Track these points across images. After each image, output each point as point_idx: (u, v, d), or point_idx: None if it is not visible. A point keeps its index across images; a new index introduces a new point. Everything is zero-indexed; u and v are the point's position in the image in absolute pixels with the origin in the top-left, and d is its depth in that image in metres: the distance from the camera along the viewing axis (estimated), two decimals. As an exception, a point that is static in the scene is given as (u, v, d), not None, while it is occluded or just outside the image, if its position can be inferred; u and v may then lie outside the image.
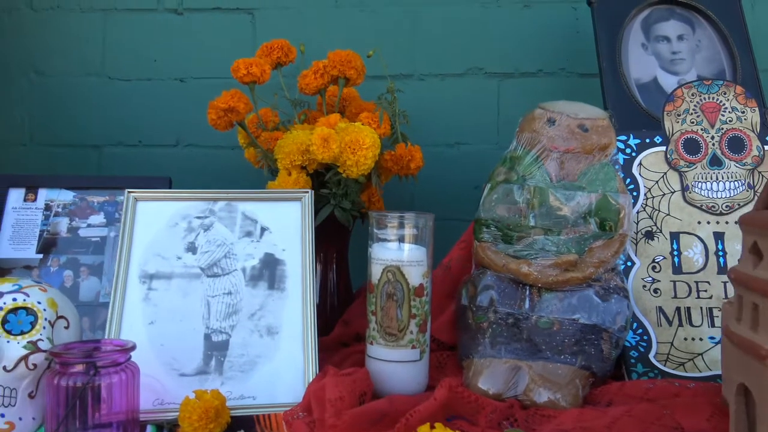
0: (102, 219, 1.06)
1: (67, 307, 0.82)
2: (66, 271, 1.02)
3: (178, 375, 0.83)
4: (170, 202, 0.93)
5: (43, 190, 1.07)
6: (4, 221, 1.04)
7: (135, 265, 0.89)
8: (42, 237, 1.04)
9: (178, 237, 0.91)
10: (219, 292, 0.88)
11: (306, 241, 0.93)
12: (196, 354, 0.84)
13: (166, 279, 0.88)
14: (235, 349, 0.85)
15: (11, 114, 1.47)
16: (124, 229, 0.90)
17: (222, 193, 0.95)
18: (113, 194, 1.08)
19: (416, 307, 0.87)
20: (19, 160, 1.47)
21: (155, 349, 0.84)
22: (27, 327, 0.77)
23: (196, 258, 0.90)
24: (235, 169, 1.42)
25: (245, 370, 0.84)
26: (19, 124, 1.48)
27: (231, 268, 0.90)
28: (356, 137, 1.07)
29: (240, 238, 0.92)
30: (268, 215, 0.94)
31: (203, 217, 0.93)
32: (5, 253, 1.02)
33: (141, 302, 0.86)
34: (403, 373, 0.87)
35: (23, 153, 1.48)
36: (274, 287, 0.90)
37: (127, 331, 0.84)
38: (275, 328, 0.87)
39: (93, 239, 1.05)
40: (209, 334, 0.86)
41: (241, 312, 0.87)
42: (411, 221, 0.89)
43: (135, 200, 0.93)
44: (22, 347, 0.75)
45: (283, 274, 0.91)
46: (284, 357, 0.85)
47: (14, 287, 0.79)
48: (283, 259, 0.92)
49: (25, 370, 0.75)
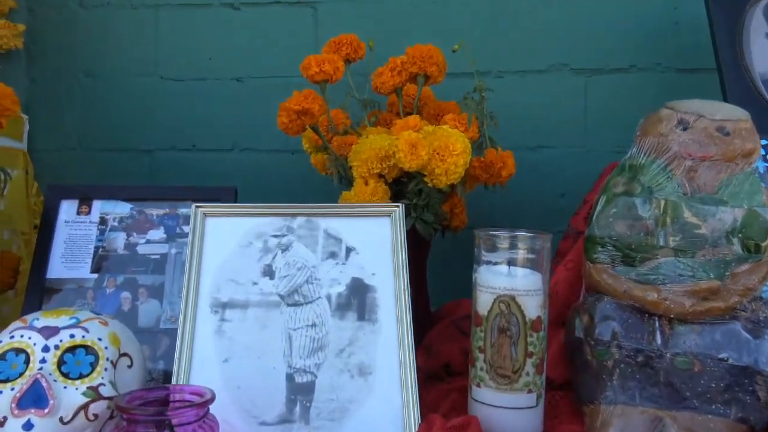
0: (162, 234, 0.94)
1: (130, 342, 0.70)
2: (123, 293, 0.90)
3: (258, 424, 0.69)
4: (243, 218, 0.80)
5: (98, 202, 0.95)
6: (56, 236, 0.92)
7: (205, 291, 0.75)
8: (97, 254, 0.92)
9: (253, 259, 0.78)
10: (302, 324, 0.75)
11: (399, 263, 0.78)
12: (278, 398, 0.71)
13: (242, 308, 0.75)
14: (323, 392, 0.71)
15: (59, 117, 1.37)
16: (192, 250, 0.77)
17: (301, 208, 0.81)
18: (174, 206, 0.95)
19: (533, 344, 0.73)
20: (67, 165, 1.36)
21: (231, 392, 0.70)
22: (87, 369, 0.64)
23: (274, 283, 0.77)
24: (297, 176, 1.29)
25: (335, 418, 0.70)
26: (67, 128, 1.38)
27: (314, 296, 0.76)
28: (446, 142, 0.93)
29: (323, 260, 0.79)
30: (355, 233, 0.80)
31: (280, 235, 0.80)
32: (57, 271, 0.90)
33: (213, 335, 0.73)
34: (517, 422, 0.73)
35: (72, 158, 1.37)
36: (364, 318, 0.76)
37: (199, 371, 0.71)
38: (368, 368, 0.73)
39: (152, 257, 0.92)
40: (292, 374, 0.72)
41: (327, 348, 0.74)
42: (526, 242, 0.74)
43: (204, 216, 0.79)
44: (81, 394, 0.62)
45: (374, 302, 0.77)
46: (379, 402, 0.71)
47: (72, 321, 0.66)
48: (373, 284, 0.78)
49: (84, 422, 0.62)
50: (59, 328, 0.65)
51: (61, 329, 0.65)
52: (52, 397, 0.61)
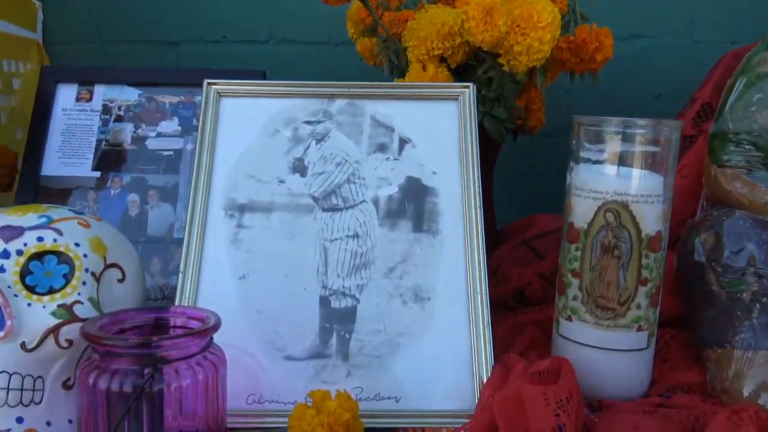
0: (176, 126, 0.76)
1: (121, 250, 0.53)
2: (130, 195, 0.74)
3: (283, 358, 0.53)
4: (268, 100, 0.61)
5: (101, 87, 0.78)
6: (52, 127, 0.76)
7: (219, 190, 0.58)
8: (99, 148, 0.76)
9: (279, 151, 0.60)
10: (340, 234, 0.57)
11: (468, 159, 0.59)
12: (309, 327, 0.54)
13: (264, 212, 0.58)
14: (367, 321, 0.54)
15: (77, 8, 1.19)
16: (203, 138, 0.59)
17: (342, 88, 0.62)
18: (190, 93, 0.78)
19: (649, 268, 0.53)
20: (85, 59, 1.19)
21: (249, 318, 0.54)
22: (59, 282, 0.48)
23: (305, 182, 0.59)
24: (341, 69, 1.09)
25: (382, 354, 0.53)
26: (85, 20, 1.20)
27: (357, 199, 0.58)
28: (529, 11, 0.71)
29: (369, 154, 0.60)
30: (411, 121, 0.61)
31: (315, 121, 0.61)
32: (53, 168, 0.75)
33: (228, 246, 0.57)
34: (621, 367, 0.55)
35: (90, 52, 1.20)
36: (421, 229, 0.57)
37: (209, 290, 0.55)
38: (425, 291, 0.55)
39: (165, 153, 0.75)
40: (327, 297, 0.55)
41: (373, 265, 0.56)
42: (646, 131, 0.53)
43: (218, 96, 0.61)
44: (50, 314, 0.47)
45: (434, 209, 0.58)
46: (440, 336, 0.54)
47: (41, 220, 0.50)
48: (433, 186, 0.59)
49: (55, 349, 0.47)
50: (24, 228, 0.49)
51: (26, 230, 0.49)
52: (10, 316, 0.45)
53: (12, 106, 1.09)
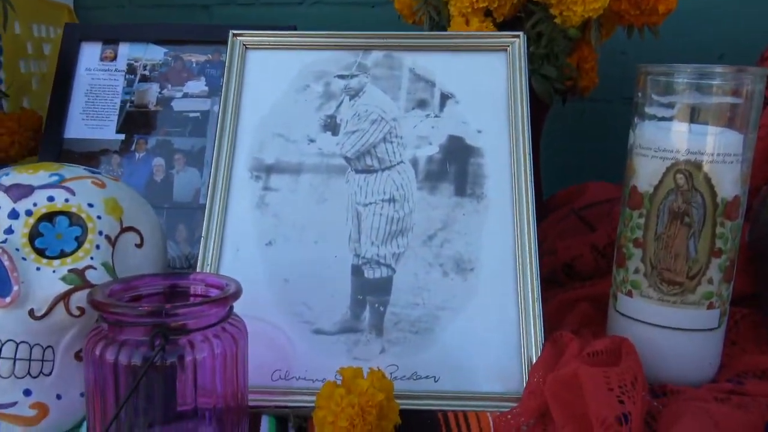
0: (203, 86, 0.72)
1: (141, 213, 0.49)
2: (155, 159, 0.70)
3: (312, 332, 0.48)
4: (298, 52, 0.56)
5: (125, 45, 0.74)
6: (75, 87, 0.72)
7: (244, 150, 0.53)
8: (124, 110, 0.72)
9: (309, 107, 0.55)
10: (375, 198, 0.52)
11: (518, 117, 0.53)
12: (340, 298, 0.49)
13: (292, 174, 0.53)
14: (404, 293, 0.49)
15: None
16: (228, 94, 0.54)
17: (378, 38, 0.56)
18: (218, 51, 0.73)
19: (723, 238, 0.47)
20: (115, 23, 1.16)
21: (275, 288, 0.49)
22: (70, 245, 0.44)
23: (338, 141, 0.54)
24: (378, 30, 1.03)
25: (420, 330, 0.48)
26: (116, -19, 1.16)
27: (394, 160, 0.53)
28: (585, -45, 0.64)
29: (408, 111, 0.54)
30: (453, 74, 0.55)
31: (349, 75, 0.55)
32: (76, 131, 0.71)
33: (253, 210, 0.52)
34: (689, 348, 0.48)
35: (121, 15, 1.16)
36: (465, 193, 0.52)
37: (232, 258, 0.50)
38: (469, 262, 0.50)
39: (191, 115, 0.71)
40: (360, 266, 0.50)
41: (411, 232, 0.51)
42: (726, 83, 0.46)
43: (244, 48, 0.56)
44: (60, 279, 0.43)
45: (479, 171, 0.52)
46: (484, 310, 0.48)
47: (53, 178, 0.46)
48: (478, 146, 0.53)
49: (65, 317, 0.43)
50: (34, 187, 0.45)
51: (36, 189, 0.45)
52: (17, 281, 0.42)
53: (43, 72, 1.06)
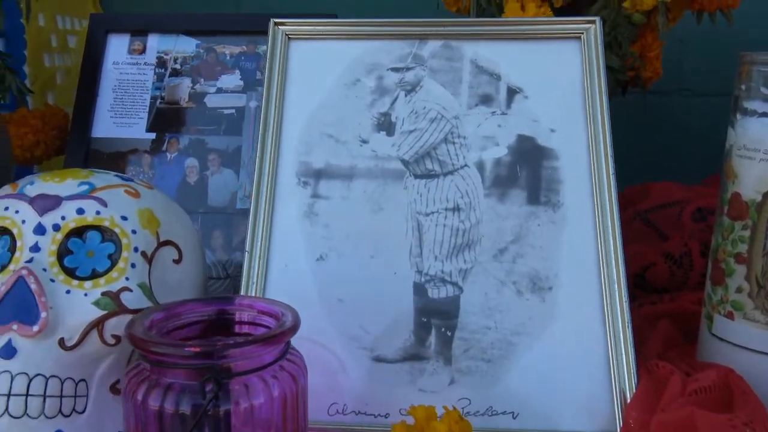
0: (238, 80, 0.66)
1: (178, 224, 0.44)
2: (188, 160, 0.64)
3: (372, 359, 0.43)
4: (347, 42, 0.50)
5: (154, 37, 0.68)
6: (102, 83, 0.67)
7: (289, 153, 0.48)
8: (154, 107, 0.66)
9: (361, 104, 0.49)
10: (438, 207, 0.46)
11: (596, 113, 0.47)
12: (402, 321, 0.44)
13: (344, 179, 0.47)
14: (473, 316, 0.43)
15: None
16: (270, 90, 0.49)
17: (435, 26, 0.50)
18: (254, 42, 0.67)
19: None
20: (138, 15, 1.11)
21: (329, 308, 0.44)
22: (103, 264, 0.39)
23: (393, 142, 0.48)
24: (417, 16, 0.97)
25: (493, 358, 0.42)
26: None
27: (458, 163, 0.47)
28: (661, -69, 0.57)
29: (471, 108, 0.48)
30: (521, 66, 0.49)
31: (404, 68, 0.49)
32: (104, 129, 0.66)
33: (302, 219, 0.46)
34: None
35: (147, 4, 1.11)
36: (539, 201, 0.46)
37: (279, 274, 0.45)
38: (546, 279, 0.44)
39: (226, 112, 0.65)
40: (423, 284, 0.44)
41: (479, 245, 0.45)
42: None
43: (287, 38, 0.50)
44: (92, 303, 0.38)
45: (554, 176, 0.46)
46: (568, 336, 0.43)
47: (82, 187, 0.41)
48: (552, 148, 0.47)
49: (100, 347, 0.38)
50: (61, 198, 0.40)
51: (64, 200, 0.40)
52: (46, 306, 0.37)
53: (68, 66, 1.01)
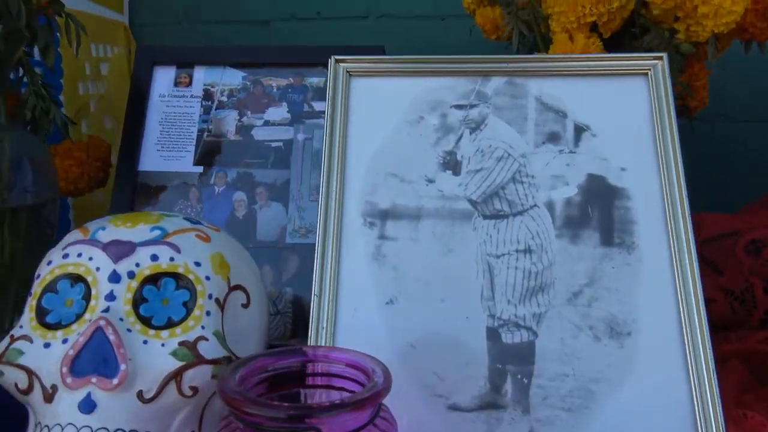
0: (285, 113, 0.66)
1: (245, 267, 0.43)
2: (236, 194, 0.64)
3: (447, 408, 0.42)
4: (409, 79, 0.50)
5: (201, 69, 0.68)
6: (149, 115, 0.67)
7: (355, 193, 0.47)
8: (201, 140, 0.66)
9: (425, 142, 0.48)
10: (509, 249, 0.45)
11: (669, 151, 0.46)
12: (477, 368, 0.42)
13: (411, 220, 0.46)
14: (550, 362, 0.42)
15: (162, -13, 1.11)
16: (333, 128, 0.48)
17: (498, 63, 0.50)
18: (300, 74, 0.67)
19: None
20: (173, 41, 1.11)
21: (402, 354, 0.43)
22: (179, 312, 0.38)
23: (460, 182, 0.47)
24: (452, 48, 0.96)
25: (573, 407, 0.41)
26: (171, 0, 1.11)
27: (527, 203, 0.46)
28: (717, -35, 0.57)
29: (538, 146, 0.47)
30: (586, 103, 0.48)
31: (468, 105, 0.49)
32: (151, 162, 0.65)
33: (369, 263, 0.45)
34: None
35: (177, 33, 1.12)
36: (612, 242, 0.45)
37: (349, 319, 0.44)
38: (624, 324, 0.43)
39: (273, 144, 0.65)
40: (496, 328, 0.43)
41: (552, 288, 0.44)
42: None
43: (348, 75, 0.50)
44: (170, 354, 0.37)
45: (627, 216, 0.45)
46: (650, 383, 0.41)
47: (155, 233, 0.40)
48: (624, 187, 0.46)
49: (177, 399, 0.37)
50: (135, 244, 0.39)
51: (138, 246, 0.39)
52: (125, 358, 0.36)
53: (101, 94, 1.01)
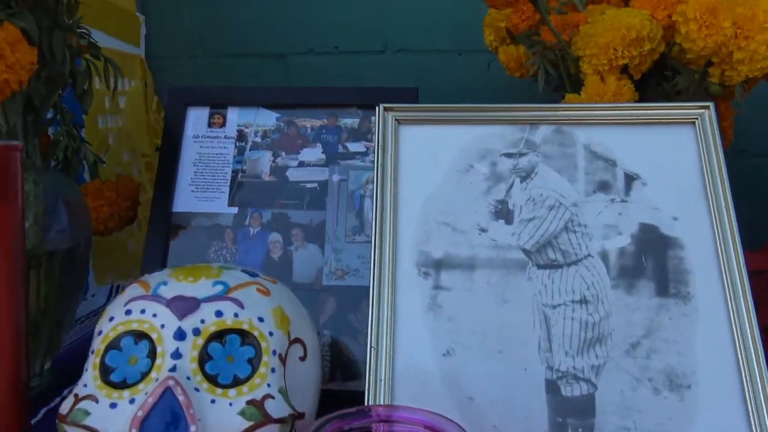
0: (320, 154, 0.66)
1: (302, 319, 0.43)
2: (272, 235, 0.64)
3: (509, 462, 0.41)
4: (456, 127, 0.50)
5: (234, 110, 0.68)
6: (182, 156, 0.67)
7: (407, 242, 0.47)
8: (235, 181, 0.66)
9: (476, 191, 0.48)
10: (564, 299, 0.45)
11: (720, 200, 0.46)
12: (537, 421, 0.42)
13: (465, 270, 0.46)
14: (610, 415, 0.42)
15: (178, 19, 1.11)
16: (384, 175, 0.48)
17: (545, 111, 0.50)
18: (334, 115, 0.67)
19: None
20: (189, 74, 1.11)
21: (461, 407, 0.43)
22: (244, 370, 0.38)
23: (513, 231, 0.47)
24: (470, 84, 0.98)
25: (637, 460, 0.41)
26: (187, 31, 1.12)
27: (581, 253, 0.46)
28: (752, 11, 0.58)
29: (589, 195, 0.48)
30: (635, 152, 0.49)
31: (517, 154, 0.49)
32: (185, 203, 0.65)
33: (425, 313, 0.45)
34: None
35: (194, 66, 1.12)
36: (668, 292, 0.45)
37: (406, 371, 0.43)
38: (683, 376, 0.43)
39: (308, 186, 0.65)
40: (555, 381, 0.43)
41: (610, 339, 0.44)
42: None
43: (397, 123, 0.50)
44: (238, 414, 0.36)
45: (680, 266, 0.45)
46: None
47: (217, 287, 0.40)
48: (676, 237, 0.46)
49: (244, 460, 0.36)
50: (199, 300, 0.39)
51: (201, 302, 0.39)
52: (194, 419, 0.35)
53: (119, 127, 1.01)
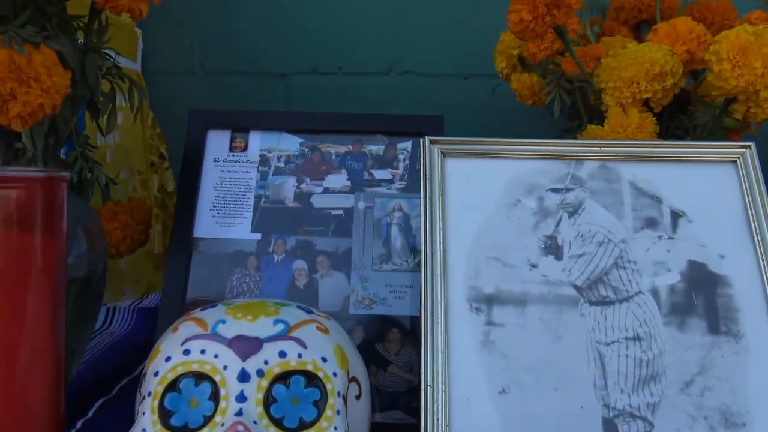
0: (345, 180, 0.65)
1: (355, 356, 0.42)
2: (296, 262, 0.62)
3: (571, 505, 0.41)
4: (503, 161, 0.50)
5: (256, 134, 0.67)
6: (203, 180, 0.65)
7: (458, 277, 0.46)
8: (258, 206, 0.64)
9: (525, 226, 0.48)
10: (618, 336, 0.45)
11: (765, 238, 0.47)
12: (597, 461, 0.42)
13: (517, 305, 0.46)
14: (669, 454, 0.42)
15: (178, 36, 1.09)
16: (432, 209, 0.48)
17: (590, 147, 0.50)
18: (359, 141, 0.66)
19: None
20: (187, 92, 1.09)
21: (520, 448, 0.42)
22: (309, 413, 0.37)
23: (563, 267, 0.47)
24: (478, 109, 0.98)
25: (698, 501, 0.41)
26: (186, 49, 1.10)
27: (632, 290, 0.46)
28: (779, 50, 0.59)
29: (637, 231, 0.48)
30: (680, 189, 0.49)
31: (564, 189, 0.49)
32: (206, 229, 0.63)
33: (479, 350, 0.44)
34: None
35: (192, 84, 1.10)
36: (719, 330, 0.45)
37: (462, 410, 0.43)
38: (738, 415, 0.43)
39: (334, 212, 0.64)
40: (612, 419, 0.43)
41: (664, 377, 0.44)
42: None
43: (442, 156, 0.50)
44: (308, 460, 0.35)
45: (730, 303, 0.46)
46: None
47: (278, 327, 0.38)
48: (724, 274, 0.47)
49: (311, 508, 0.35)
50: (261, 340, 0.37)
51: (264, 342, 0.37)
52: (263, 469, 0.34)
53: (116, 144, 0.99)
